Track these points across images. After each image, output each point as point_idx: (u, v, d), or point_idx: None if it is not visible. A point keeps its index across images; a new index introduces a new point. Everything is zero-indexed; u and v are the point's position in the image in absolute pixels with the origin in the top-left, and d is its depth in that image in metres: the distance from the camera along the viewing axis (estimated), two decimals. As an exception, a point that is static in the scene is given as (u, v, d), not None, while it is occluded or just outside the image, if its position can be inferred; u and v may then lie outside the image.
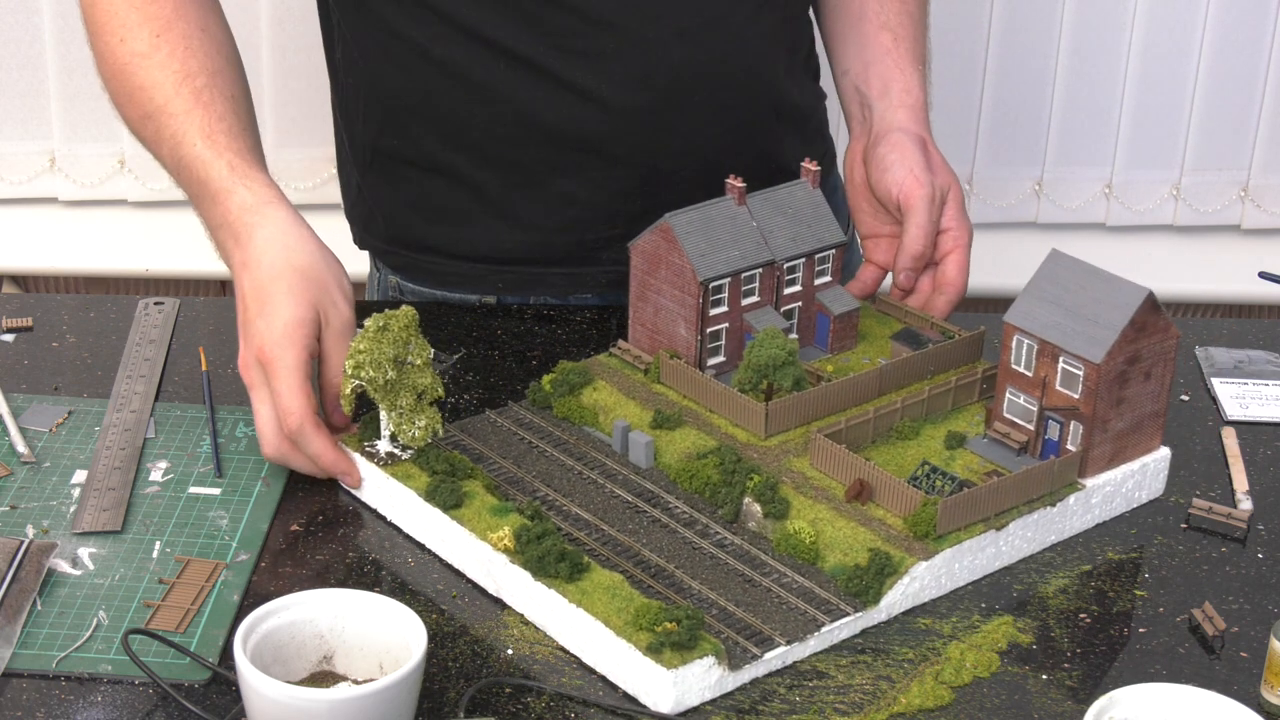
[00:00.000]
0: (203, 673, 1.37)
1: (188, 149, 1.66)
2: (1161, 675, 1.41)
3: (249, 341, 1.59)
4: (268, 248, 1.60)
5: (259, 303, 1.58)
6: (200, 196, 1.67)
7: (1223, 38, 2.89)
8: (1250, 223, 3.03)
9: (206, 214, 1.67)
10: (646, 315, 1.71)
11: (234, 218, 1.63)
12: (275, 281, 1.58)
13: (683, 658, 1.34)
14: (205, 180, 1.65)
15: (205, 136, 1.66)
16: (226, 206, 1.63)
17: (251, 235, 1.61)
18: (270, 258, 1.60)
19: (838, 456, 1.54)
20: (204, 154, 1.65)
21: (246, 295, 1.60)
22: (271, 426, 1.57)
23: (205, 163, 1.65)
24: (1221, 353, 1.89)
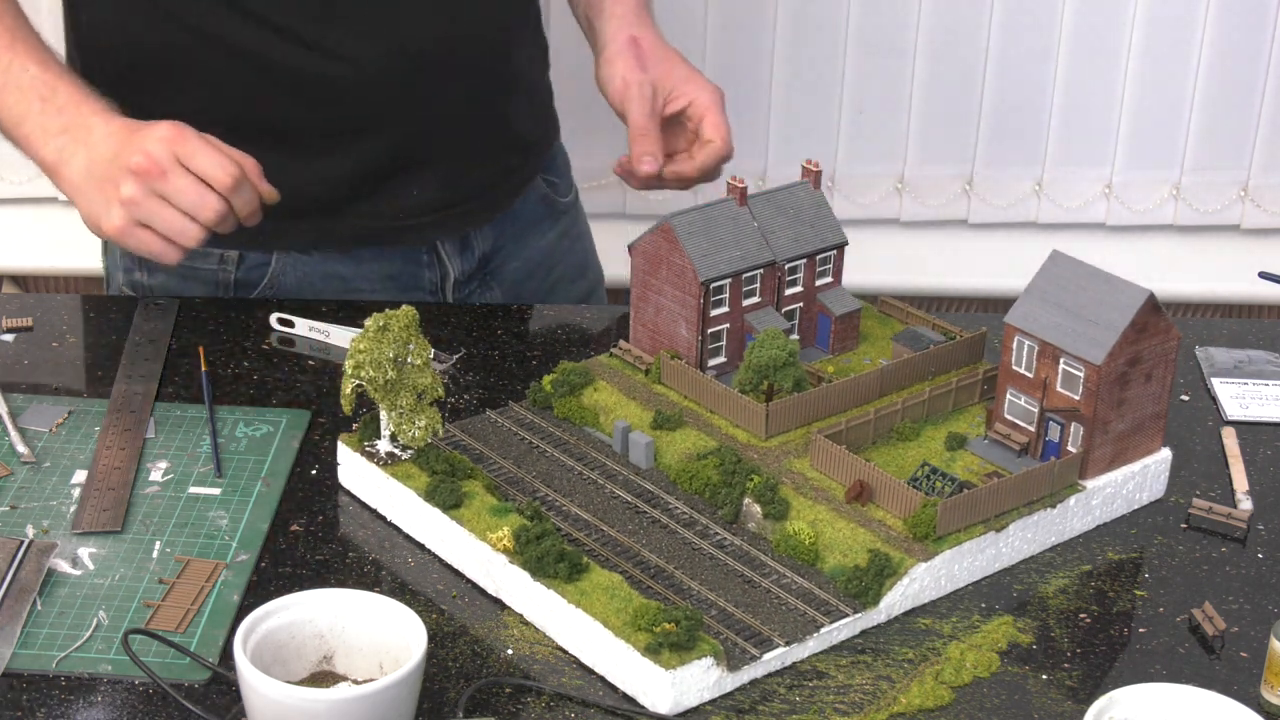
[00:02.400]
0: (203, 673, 1.37)
1: (21, 74, 1.75)
2: (1161, 675, 1.41)
3: (136, 143, 1.67)
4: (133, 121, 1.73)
5: (136, 130, 1.70)
6: (41, 111, 1.74)
7: (1223, 38, 2.89)
8: (1250, 223, 3.03)
9: (46, 124, 1.73)
10: (647, 316, 1.71)
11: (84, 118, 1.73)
12: (131, 123, 1.72)
13: (681, 658, 1.34)
14: (50, 95, 1.74)
15: (37, 63, 1.76)
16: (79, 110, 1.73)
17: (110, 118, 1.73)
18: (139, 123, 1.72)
19: (838, 457, 1.54)
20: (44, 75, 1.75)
21: (120, 134, 1.70)
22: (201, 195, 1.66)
23: (48, 83, 1.75)
24: (1221, 353, 1.89)
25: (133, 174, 1.67)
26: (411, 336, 1.54)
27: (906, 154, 2.96)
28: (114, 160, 1.69)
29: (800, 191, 1.73)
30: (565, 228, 2.20)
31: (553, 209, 2.17)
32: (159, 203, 1.67)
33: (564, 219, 2.20)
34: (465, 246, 2.06)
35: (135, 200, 1.67)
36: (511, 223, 2.10)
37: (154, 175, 1.67)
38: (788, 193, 1.73)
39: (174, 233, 1.68)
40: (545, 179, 2.16)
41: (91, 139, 1.71)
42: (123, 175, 1.67)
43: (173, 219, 1.68)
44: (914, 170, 2.97)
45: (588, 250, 2.27)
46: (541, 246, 2.15)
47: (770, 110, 2.90)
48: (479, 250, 2.07)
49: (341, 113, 1.89)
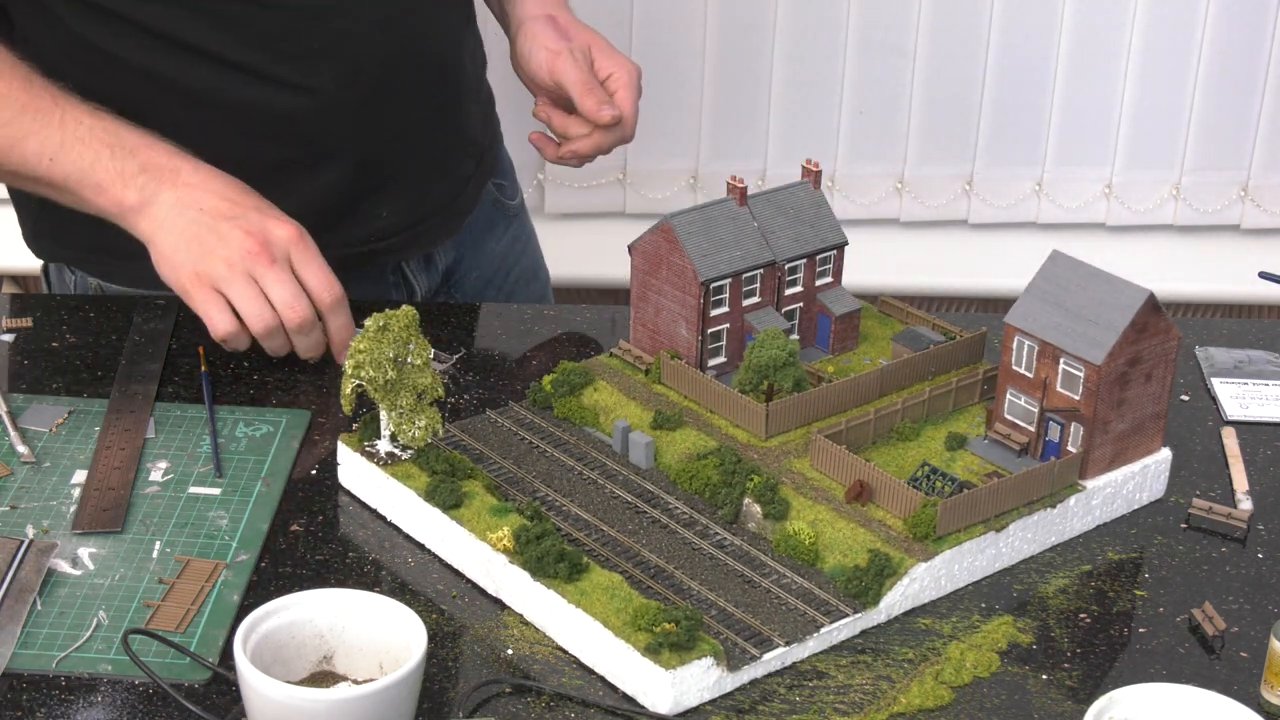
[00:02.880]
0: (203, 673, 1.37)
1: (77, 127, 1.72)
2: (1161, 675, 1.41)
3: (257, 224, 1.67)
4: (223, 173, 1.73)
5: (245, 199, 1.70)
6: (112, 157, 1.71)
7: (1223, 38, 2.89)
8: (1250, 223, 3.03)
9: (121, 168, 1.71)
10: (647, 315, 1.71)
11: (164, 159, 1.71)
12: (253, 192, 1.72)
13: (681, 658, 1.34)
14: (117, 141, 1.72)
15: (89, 114, 1.74)
16: (153, 151, 1.72)
17: (200, 163, 1.72)
18: (233, 179, 1.72)
19: (838, 457, 1.54)
20: (102, 123, 1.73)
21: (228, 197, 1.69)
22: (296, 295, 1.67)
23: (109, 129, 1.73)
24: (1221, 353, 1.89)
25: (242, 250, 1.66)
26: (411, 336, 1.54)
27: (906, 154, 2.96)
28: (223, 223, 1.67)
29: (800, 191, 1.73)
30: (516, 231, 2.20)
31: (503, 213, 2.17)
32: (249, 282, 1.67)
33: (514, 222, 2.20)
34: (429, 263, 2.06)
35: (230, 269, 1.66)
36: (468, 231, 2.10)
37: (262, 260, 1.66)
38: (788, 193, 1.73)
39: (249, 313, 1.67)
40: (494, 183, 2.16)
41: (180, 180, 1.70)
42: (230, 243, 1.66)
43: (255, 300, 1.66)
44: (914, 170, 2.97)
45: (537, 252, 2.27)
46: (496, 252, 2.15)
47: (770, 110, 2.90)
48: (442, 265, 2.08)
49: (300, 144, 1.87)
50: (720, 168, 2.93)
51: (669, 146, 2.93)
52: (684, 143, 2.94)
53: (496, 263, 2.15)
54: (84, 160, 1.72)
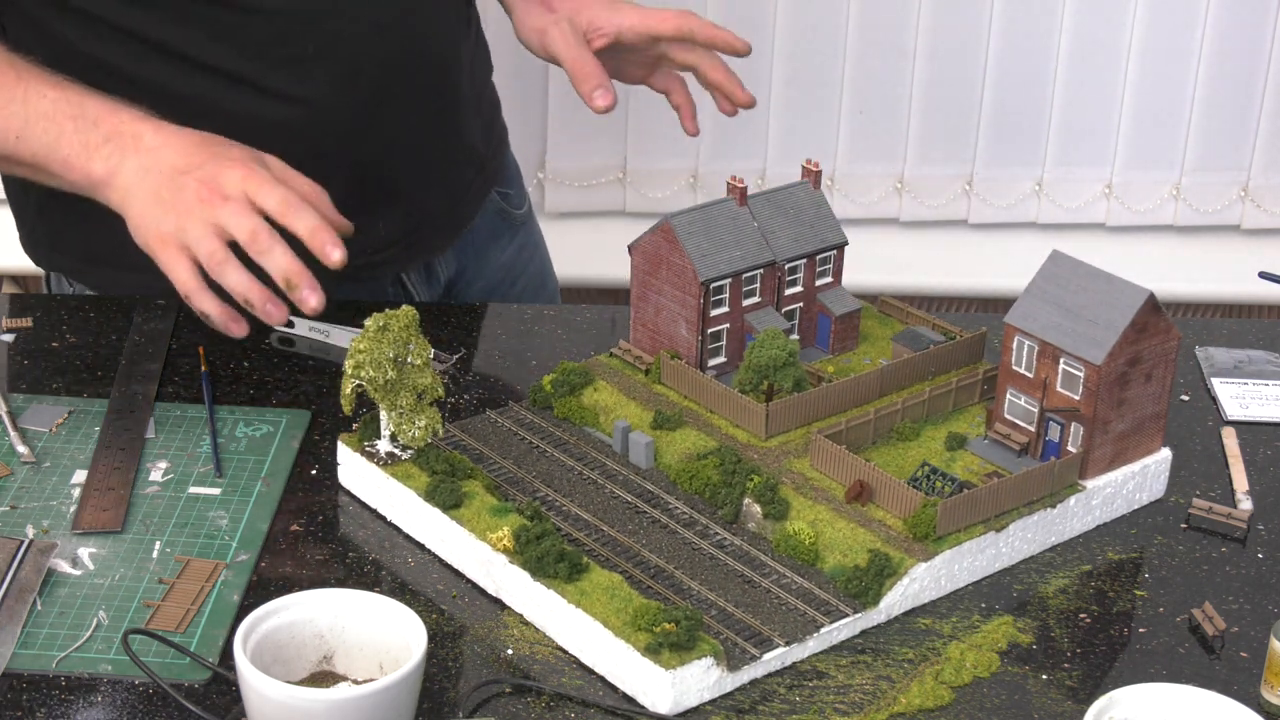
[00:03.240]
0: (203, 673, 1.37)
1: (40, 101, 1.70)
2: (1161, 675, 1.41)
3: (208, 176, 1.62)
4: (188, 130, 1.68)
5: (203, 150, 1.65)
6: (75, 130, 1.68)
7: (1223, 38, 2.89)
8: (1250, 223, 3.03)
9: (85, 139, 1.68)
10: (647, 315, 1.71)
11: (126, 125, 1.68)
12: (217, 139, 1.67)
13: (681, 658, 1.34)
14: (80, 113, 1.68)
15: (52, 86, 1.71)
16: (117, 119, 1.68)
17: (163, 124, 1.68)
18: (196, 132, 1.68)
19: (838, 457, 1.54)
20: (65, 95, 1.69)
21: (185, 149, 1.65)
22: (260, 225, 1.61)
23: (72, 101, 1.69)
24: (1221, 353, 1.89)
25: (198, 199, 1.62)
26: (411, 336, 1.54)
27: (906, 154, 2.96)
28: (178, 178, 1.64)
29: (800, 191, 1.73)
30: (523, 240, 2.18)
31: (509, 222, 2.15)
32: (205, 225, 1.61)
33: (521, 231, 2.18)
34: (430, 274, 2.05)
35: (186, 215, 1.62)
36: (471, 242, 2.09)
37: (216, 202, 1.62)
38: (788, 193, 1.73)
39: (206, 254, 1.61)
40: (499, 191, 2.14)
41: (142, 146, 1.67)
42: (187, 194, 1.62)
43: (206, 239, 1.62)
44: (914, 170, 2.97)
45: (545, 260, 2.25)
46: (502, 262, 2.14)
47: (770, 110, 2.90)
48: (444, 276, 2.07)
49: (295, 152, 1.82)
50: (720, 168, 2.93)
51: (669, 146, 2.93)
52: (684, 143, 2.93)
53: (501, 273, 2.14)
54: (49, 135, 1.69)
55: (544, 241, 2.26)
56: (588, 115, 3.00)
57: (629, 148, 2.93)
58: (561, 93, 2.88)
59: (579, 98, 1.95)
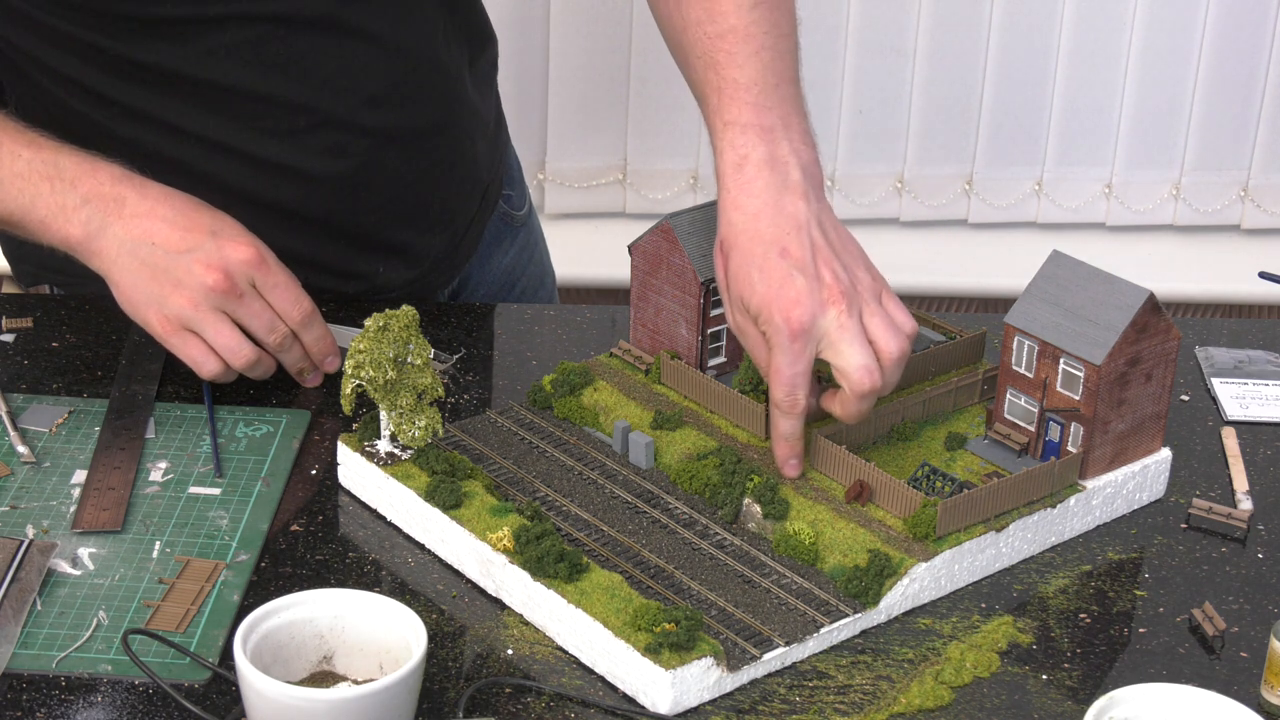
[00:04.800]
0: (203, 673, 1.37)
1: (15, 162, 1.66)
2: (1161, 675, 1.41)
3: (213, 256, 1.62)
4: (171, 192, 1.66)
5: (202, 226, 1.64)
6: (52, 191, 1.65)
7: (1223, 38, 2.89)
8: (1250, 223, 3.03)
9: (63, 202, 1.65)
10: (647, 316, 1.71)
11: (107, 187, 1.65)
12: (204, 209, 1.66)
13: (681, 658, 1.34)
14: (56, 173, 1.65)
15: (27, 145, 1.67)
16: (95, 180, 1.65)
17: (145, 187, 1.66)
18: (181, 197, 1.66)
19: (838, 457, 1.54)
20: (40, 155, 1.66)
21: (179, 224, 1.63)
22: (272, 322, 1.64)
23: (47, 161, 1.66)
24: (1221, 353, 1.89)
25: (204, 287, 1.62)
26: (411, 336, 1.54)
27: (906, 154, 2.96)
28: (178, 258, 1.62)
29: (800, 191, 1.73)
30: (524, 241, 2.17)
31: (510, 225, 2.14)
32: (220, 317, 1.63)
33: (522, 232, 2.16)
34: None
35: (197, 309, 1.62)
36: (476, 251, 2.08)
37: (229, 296, 1.63)
38: (788, 193, 1.73)
39: (226, 349, 1.64)
40: (501, 194, 2.12)
41: (126, 212, 1.64)
42: (190, 281, 1.62)
43: (230, 335, 1.63)
44: (914, 170, 2.97)
45: (544, 258, 2.24)
46: (504, 265, 2.12)
47: (770, 110, 2.89)
48: (446, 291, 2.06)
49: (291, 221, 1.83)
50: (720, 168, 2.92)
51: (669, 146, 2.94)
52: (684, 143, 2.94)
53: (504, 276, 2.13)
54: (24, 197, 1.66)
55: (543, 238, 2.25)
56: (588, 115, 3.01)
57: (629, 148, 2.93)
58: (562, 93, 2.88)
59: (582, 98, 1.93)
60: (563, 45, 2.85)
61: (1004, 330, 1.58)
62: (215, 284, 1.62)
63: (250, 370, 1.67)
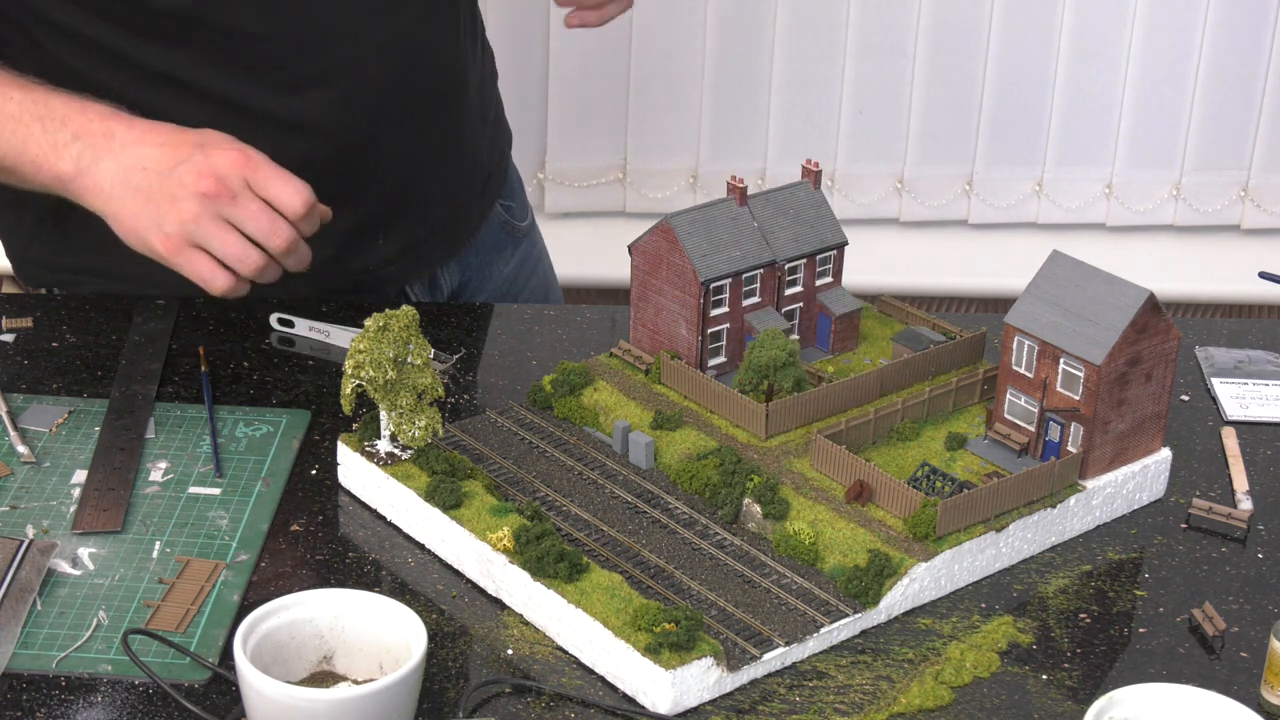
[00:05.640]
0: (203, 673, 1.37)
1: (6, 104, 1.69)
2: (1161, 675, 1.41)
3: (201, 164, 1.61)
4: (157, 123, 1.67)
5: (188, 141, 1.64)
6: (43, 130, 1.67)
7: (1223, 38, 2.89)
8: (1250, 223, 3.03)
9: (53, 140, 1.67)
10: (647, 316, 1.71)
11: (96, 123, 1.66)
12: (190, 130, 1.65)
13: (681, 658, 1.34)
14: (47, 113, 1.67)
15: (18, 89, 1.70)
16: (85, 117, 1.67)
17: (132, 120, 1.67)
18: (168, 125, 1.66)
19: (838, 457, 1.54)
20: (31, 96, 1.69)
21: (167, 144, 1.64)
22: (272, 221, 1.62)
23: (38, 101, 1.68)
24: (1221, 353, 1.89)
25: (198, 195, 1.61)
26: (411, 336, 1.54)
27: (906, 154, 2.96)
28: (169, 175, 1.62)
29: (800, 191, 1.73)
30: (525, 252, 2.18)
31: (512, 234, 2.15)
32: (221, 225, 1.62)
33: (524, 243, 2.17)
34: (434, 286, 2.05)
35: (197, 221, 1.61)
36: (474, 255, 2.09)
37: (223, 199, 1.61)
38: (788, 193, 1.73)
39: (234, 258, 1.62)
40: (502, 204, 2.13)
41: (115, 144, 1.65)
42: (184, 193, 1.61)
43: (235, 244, 1.62)
44: (914, 170, 2.97)
45: (548, 272, 2.25)
46: (505, 274, 2.13)
47: (770, 110, 2.90)
48: (447, 288, 2.07)
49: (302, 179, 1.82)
50: (720, 168, 2.93)
51: (669, 146, 2.94)
52: (684, 143, 2.94)
53: (505, 285, 2.13)
54: (16, 138, 1.68)
55: (547, 253, 2.25)
56: (588, 115, 3.01)
57: (629, 148, 2.93)
58: (562, 93, 2.89)
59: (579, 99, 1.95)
60: (562, 46, 2.85)
61: (1004, 330, 1.58)
62: (207, 189, 1.61)
63: (260, 276, 1.64)
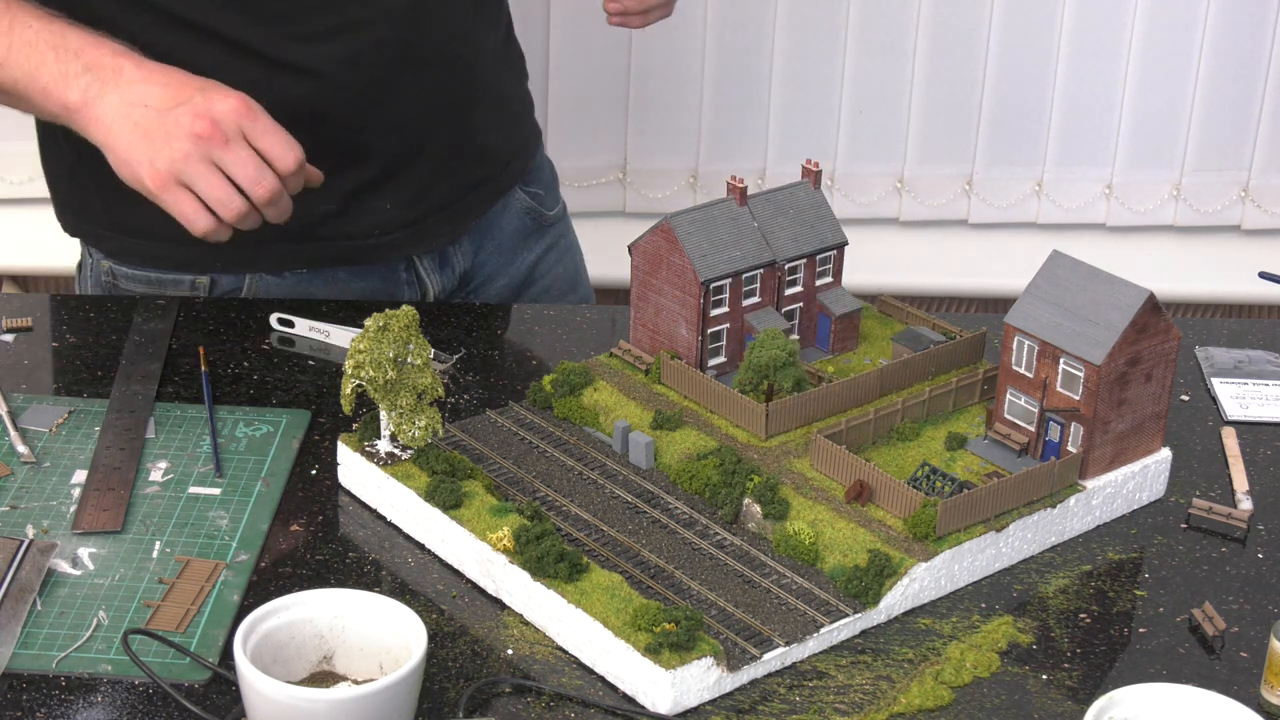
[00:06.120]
0: (203, 673, 1.37)
1: (24, 31, 1.71)
2: (1161, 675, 1.41)
3: (200, 105, 1.64)
4: (167, 66, 1.69)
5: (192, 84, 1.67)
6: (56, 59, 1.70)
7: (1223, 38, 2.89)
8: (1250, 223, 3.03)
9: (65, 69, 1.70)
10: (647, 316, 1.71)
11: (107, 58, 1.69)
12: (197, 76, 1.68)
13: (681, 658, 1.34)
14: (61, 43, 1.70)
15: (37, 18, 1.72)
16: (98, 51, 1.70)
17: (143, 60, 1.69)
18: (176, 69, 1.69)
19: (838, 457, 1.54)
20: (49, 26, 1.71)
21: (171, 84, 1.66)
22: (259, 170, 1.64)
23: (55, 32, 1.71)
24: (1221, 353, 1.89)
25: (192, 135, 1.63)
26: (411, 336, 1.54)
27: (906, 154, 2.96)
28: (168, 113, 1.65)
29: (800, 191, 1.73)
30: (552, 241, 2.18)
31: (538, 222, 2.15)
32: (210, 168, 1.64)
33: (550, 232, 2.18)
34: (444, 263, 2.05)
35: (187, 160, 1.64)
36: (492, 238, 2.09)
37: (215, 142, 1.64)
38: (788, 193, 1.73)
39: (217, 201, 1.65)
40: (528, 191, 2.13)
41: (123, 80, 1.68)
42: (179, 132, 1.64)
43: (220, 187, 1.64)
44: (914, 170, 2.97)
45: (578, 265, 2.25)
46: (527, 261, 2.13)
47: (770, 110, 2.90)
48: (459, 267, 2.07)
49: (303, 129, 1.82)
50: (720, 167, 2.93)
51: (669, 146, 2.94)
52: (684, 142, 2.94)
53: (525, 272, 2.14)
54: (29, 64, 1.71)
55: (578, 245, 2.26)
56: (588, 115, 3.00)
57: (629, 148, 2.93)
58: (562, 93, 2.88)
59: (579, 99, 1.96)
60: (563, 44, 2.85)
61: (1004, 330, 1.58)
62: (201, 131, 1.63)
63: (240, 222, 1.67)
